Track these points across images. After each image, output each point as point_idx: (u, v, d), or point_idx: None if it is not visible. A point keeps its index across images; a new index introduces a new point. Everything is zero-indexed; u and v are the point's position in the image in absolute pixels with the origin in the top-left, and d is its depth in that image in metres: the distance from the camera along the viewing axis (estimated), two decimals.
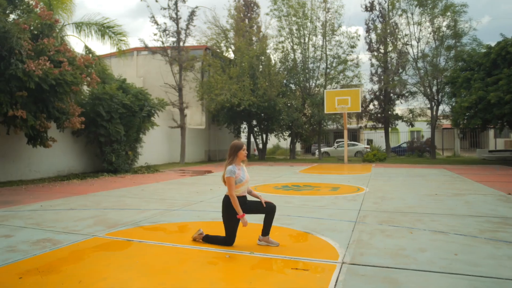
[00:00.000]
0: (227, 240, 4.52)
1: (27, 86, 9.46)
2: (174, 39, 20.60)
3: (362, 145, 32.33)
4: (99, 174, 14.08)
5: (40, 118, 10.62)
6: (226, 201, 4.48)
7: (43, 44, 10.57)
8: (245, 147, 4.46)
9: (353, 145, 31.99)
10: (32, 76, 9.46)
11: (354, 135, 40.68)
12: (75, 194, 9.13)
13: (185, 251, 4.46)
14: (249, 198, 4.74)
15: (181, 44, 20.61)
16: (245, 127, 27.98)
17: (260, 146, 27.16)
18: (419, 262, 3.98)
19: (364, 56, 69.69)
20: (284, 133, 26.77)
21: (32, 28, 11.08)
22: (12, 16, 11.00)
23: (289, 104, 24.58)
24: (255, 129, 27.20)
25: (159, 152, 20.11)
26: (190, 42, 24.11)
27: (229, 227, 4.49)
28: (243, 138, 31.86)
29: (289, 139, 28.48)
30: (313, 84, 26.00)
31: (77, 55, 12.57)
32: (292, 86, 25.98)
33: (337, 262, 3.98)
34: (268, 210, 4.61)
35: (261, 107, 22.24)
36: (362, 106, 26.10)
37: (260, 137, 27.45)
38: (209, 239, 4.70)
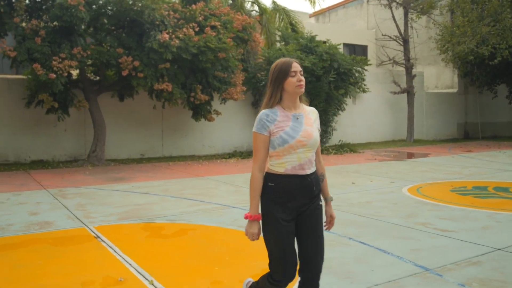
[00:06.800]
0: (272, 274, 2.68)
1: (165, 58, 11.00)
2: None
3: None
4: None
5: (195, 90, 12.15)
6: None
7: (191, 10, 11.93)
8: (296, 67, 2.58)
9: None
10: (169, 46, 10.91)
11: None
12: (198, 176, 10.07)
13: (89, 264, 4.26)
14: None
15: None
16: None
17: None
18: None
19: None
20: None
21: None
22: None
23: None
24: None
25: (373, 127, 18.96)
26: None
27: (268, 243, 2.68)
28: None
29: None
30: None
31: (244, 14, 13.51)
32: None
33: None
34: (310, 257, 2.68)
35: None
36: None
37: None
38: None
